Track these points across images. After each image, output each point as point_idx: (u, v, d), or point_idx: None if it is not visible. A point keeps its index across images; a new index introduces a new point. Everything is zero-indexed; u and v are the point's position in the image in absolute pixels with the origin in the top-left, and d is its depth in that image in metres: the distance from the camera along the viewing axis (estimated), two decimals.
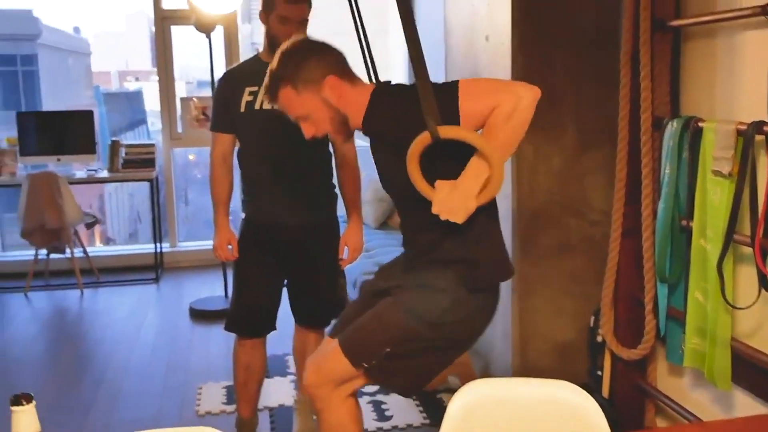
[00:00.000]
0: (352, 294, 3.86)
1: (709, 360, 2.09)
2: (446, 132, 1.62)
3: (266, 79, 1.84)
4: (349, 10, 2.12)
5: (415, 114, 1.65)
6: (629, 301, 2.55)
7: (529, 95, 1.65)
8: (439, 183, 1.67)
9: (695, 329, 2.15)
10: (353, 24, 2.19)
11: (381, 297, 1.90)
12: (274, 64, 1.82)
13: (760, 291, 1.96)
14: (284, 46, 1.84)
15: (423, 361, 1.86)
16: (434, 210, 1.67)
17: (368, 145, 1.95)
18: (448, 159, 1.68)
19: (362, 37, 2.09)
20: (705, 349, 2.11)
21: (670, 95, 2.41)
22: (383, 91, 1.85)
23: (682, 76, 2.41)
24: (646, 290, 2.39)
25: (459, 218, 1.67)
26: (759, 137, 1.93)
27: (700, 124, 2.15)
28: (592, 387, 2.71)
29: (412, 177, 1.67)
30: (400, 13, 1.66)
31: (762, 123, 1.91)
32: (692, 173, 2.17)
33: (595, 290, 2.70)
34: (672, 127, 2.25)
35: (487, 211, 1.77)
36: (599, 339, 2.64)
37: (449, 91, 1.70)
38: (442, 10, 3.62)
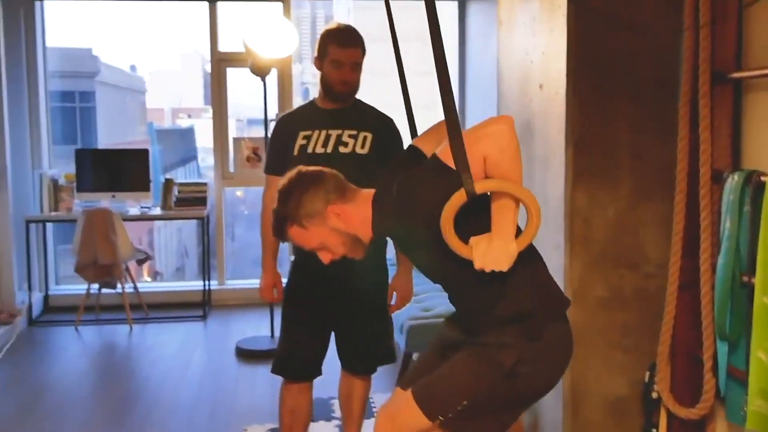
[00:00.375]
0: (400, 340, 3.84)
1: None
2: (482, 186, 1.64)
3: (272, 221, 1.87)
4: (393, 50, 2.17)
5: (417, 201, 1.71)
6: (686, 357, 2.48)
7: (504, 129, 1.66)
8: (474, 239, 1.67)
9: (759, 390, 2.07)
10: (396, 64, 2.23)
11: (454, 349, 1.89)
12: (275, 205, 1.87)
13: None
14: (280, 184, 1.87)
15: (499, 414, 1.85)
16: (477, 265, 1.66)
17: None
18: (467, 215, 1.68)
19: (402, 78, 2.17)
20: None
21: (731, 148, 2.37)
22: (382, 194, 1.85)
23: (743, 128, 2.37)
24: (705, 347, 2.32)
25: (504, 266, 1.66)
26: None
27: (762, 179, 2.10)
28: None
29: (449, 241, 1.66)
30: (436, 67, 1.67)
31: None
32: (754, 228, 2.11)
33: (648, 345, 2.63)
34: (733, 181, 2.20)
35: (524, 255, 1.74)
36: (654, 395, 2.56)
37: (436, 165, 1.72)
38: (494, 57, 3.64)
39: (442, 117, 1.72)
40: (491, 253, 1.65)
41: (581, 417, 2.71)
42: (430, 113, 2.68)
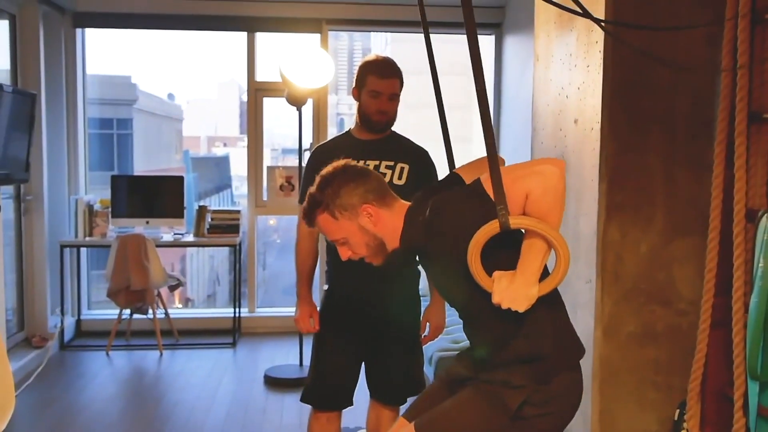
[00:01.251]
0: (429, 371, 3.84)
1: None
2: (517, 222, 1.64)
3: (305, 204, 1.89)
4: (433, 83, 2.20)
5: (449, 220, 1.71)
6: (717, 396, 2.45)
7: (555, 171, 1.64)
8: (497, 274, 1.68)
9: None
10: (435, 97, 2.26)
11: (462, 384, 1.89)
12: (313, 188, 1.88)
13: None
14: (324, 170, 1.89)
15: None
16: (494, 300, 1.67)
17: None
18: (497, 247, 1.68)
19: (441, 112, 2.17)
20: None
21: (766, 187, 2.36)
22: (417, 207, 1.85)
23: None
24: (736, 386, 2.29)
25: (521, 307, 1.66)
26: None
27: None
28: None
29: (473, 268, 1.67)
30: (479, 103, 1.70)
31: None
32: None
33: (679, 382, 2.60)
34: (767, 220, 2.19)
35: (547, 298, 1.74)
36: None
37: (476, 189, 1.72)
38: (530, 91, 3.68)
39: (476, 149, 1.75)
40: (511, 291, 1.65)
41: None
42: (465, 146, 2.72)
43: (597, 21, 2.25)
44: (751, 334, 2.21)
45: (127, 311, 5.21)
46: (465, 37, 1.68)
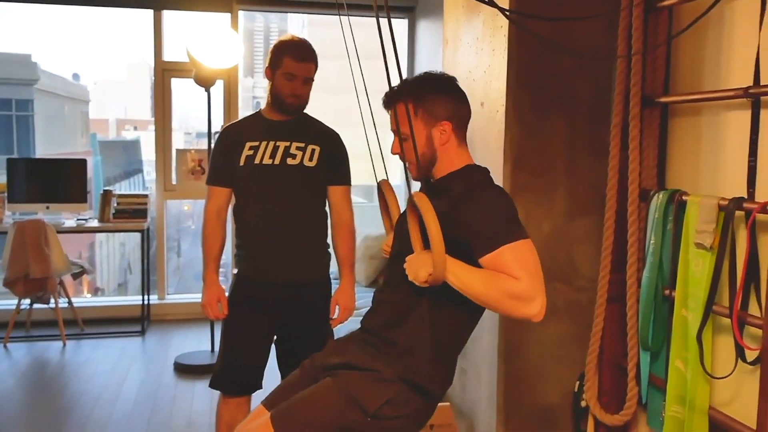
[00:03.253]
0: None
1: (687, 428, 2.11)
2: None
3: (395, 87, 1.80)
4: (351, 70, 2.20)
5: (479, 208, 1.70)
6: (613, 367, 2.57)
7: (534, 311, 1.63)
8: (425, 251, 1.68)
9: (675, 397, 2.17)
10: (355, 82, 2.27)
11: (326, 373, 1.87)
12: (414, 78, 1.86)
13: (736, 361, 1.99)
14: (435, 72, 1.88)
15: None
16: (406, 264, 1.70)
17: (356, 202, 1.98)
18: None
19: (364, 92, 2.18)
20: (684, 417, 2.13)
21: (657, 168, 2.49)
22: (476, 170, 1.87)
23: (668, 150, 2.49)
24: (629, 357, 2.42)
25: (415, 281, 1.67)
26: (739, 213, 1.99)
27: (684, 198, 2.21)
28: None
29: (411, 227, 1.69)
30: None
31: (742, 199, 1.98)
32: (676, 244, 2.22)
33: (580, 355, 2.72)
34: (658, 199, 2.31)
35: (465, 321, 1.78)
36: (583, 404, 2.64)
37: (512, 217, 1.72)
38: None
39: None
40: (415, 263, 1.67)
41: (514, 426, 2.78)
42: (385, 131, 2.71)
43: (502, 10, 2.29)
44: (643, 308, 2.34)
45: (27, 301, 4.98)
46: (382, 20, 1.68)
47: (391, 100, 1.84)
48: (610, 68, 2.67)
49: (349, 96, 2.75)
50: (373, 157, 2.43)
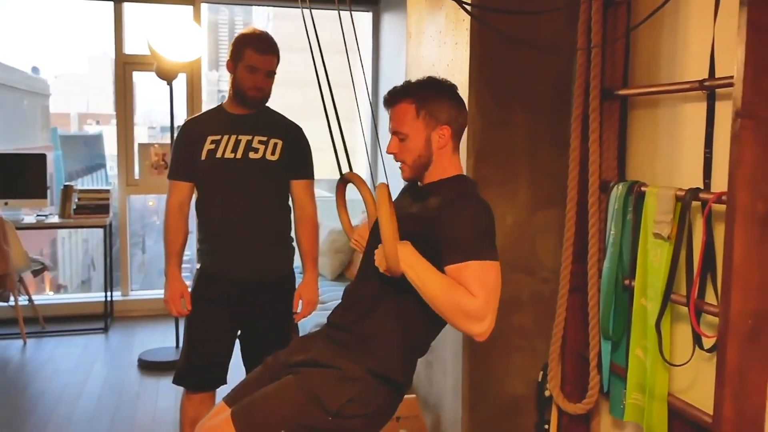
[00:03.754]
0: None
1: (647, 414, 2.15)
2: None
3: (402, 84, 1.86)
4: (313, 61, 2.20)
5: (461, 216, 1.73)
6: (575, 357, 2.61)
7: (479, 330, 1.68)
8: (400, 242, 1.73)
9: (635, 385, 2.22)
10: (318, 77, 2.26)
11: (290, 371, 1.86)
12: (419, 80, 1.89)
13: (694, 349, 2.03)
14: (438, 77, 1.91)
15: None
16: (375, 254, 1.76)
17: (322, 196, 2.00)
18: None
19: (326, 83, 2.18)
20: (644, 404, 2.17)
21: (617, 160, 2.52)
22: (465, 181, 1.90)
23: (628, 142, 2.53)
24: (591, 347, 2.46)
25: (375, 260, 1.76)
26: (695, 203, 2.03)
27: (643, 189, 2.25)
28: None
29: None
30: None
31: (698, 190, 2.01)
32: (635, 235, 2.26)
33: (544, 346, 2.75)
34: (617, 191, 2.34)
35: (432, 314, 1.77)
36: (547, 393, 2.68)
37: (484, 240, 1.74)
38: (404, 69, 3.73)
39: (360, 127, 1.80)
40: (379, 252, 1.73)
41: (479, 416, 2.80)
42: (350, 124, 2.71)
43: (461, 4, 2.30)
44: (604, 298, 2.37)
45: None
46: (347, 14, 1.69)
47: (393, 98, 1.87)
48: (570, 62, 2.70)
49: (314, 89, 2.74)
50: (338, 150, 2.43)
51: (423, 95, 1.85)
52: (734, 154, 1.79)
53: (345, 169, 2.57)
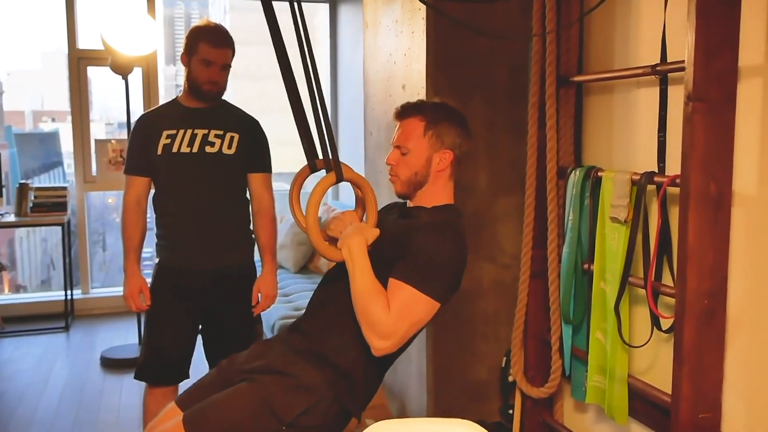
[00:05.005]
0: None
1: (608, 396, 2.19)
2: (347, 174, 1.84)
3: (416, 102, 1.91)
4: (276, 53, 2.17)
5: (434, 245, 1.74)
6: (538, 341, 2.64)
7: (376, 345, 1.69)
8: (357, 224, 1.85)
9: (596, 367, 2.25)
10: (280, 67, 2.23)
11: (246, 377, 1.82)
12: (434, 100, 1.95)
13: (652, 330, 2.07)
14: (452, 102, 1.94)
15: None
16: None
17: (284, 189, 1.99)
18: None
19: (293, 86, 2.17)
20: (605, 386, 2.21)
21: (574, 146, 2.55)
22: (453, 212, 1.92)
23: (584, 128, 2.56)
24: (552, 331, 2.49)
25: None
26: (650, 186, 2.06)
27: (599, 174, 2.28)
28: (504, 425, 2.77)
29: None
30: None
31: (653, 173, 2.05)
32: (593, 219, 2.29)
33: (506, 332, 2.78)
34: (575, 176, 2.37)
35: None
36: (511, 379, 2.71)
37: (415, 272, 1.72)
38: (361, 60, 3.72)
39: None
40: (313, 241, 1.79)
41: (444, 403, 2.82)
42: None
43: None
44: (564, 282, 2.40)
45: None
46: (306, 5, 1.68)
47: (405, 112, 1.90)
48: (526, 49, 2.71)
49: (273, 83, 2.72)
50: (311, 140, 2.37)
51: (434, 116, 1.87)
52: (687, 137, 1.83)
53: (303, 162, 2.54)
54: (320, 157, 1.85)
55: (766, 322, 1.82)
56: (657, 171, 2.07)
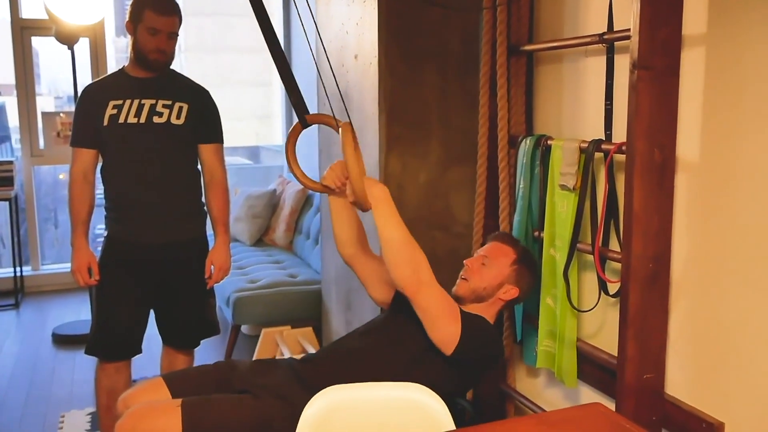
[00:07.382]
0: (227, 313, 3.81)
1: (558, 360, 2.24)
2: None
3: (511, 235, 2.26)
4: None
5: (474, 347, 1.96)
6: None
7: (412, 288, 1.92)
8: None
9: (546, 332, 2.30)
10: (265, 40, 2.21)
11: (251, 390, 1.89)
12: (524, 245, 2.21)
13: (600, 295, 2.12)
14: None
15: None
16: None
17: (240, 163, 2.01)
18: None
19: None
20: (555, 350, 2.26)
21: (525, 115, 2.57)
22: (486, 323, 2.07)
23: (535, 97, 2.58)
24: None
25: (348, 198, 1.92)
26: (598, 154, 2.10)
27: (549, 142, 2.30)
28: None
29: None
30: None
31: (600, 141, 2.08)
32: (543, 187, 2.32)
33: None
34: (525, 145, 2.39)
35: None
36: None
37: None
38: (314, 29, 3.67)
39: (278, 92, 1.80)
40: (353, 186, 1.85)
41: None
42: (266, 89, 2.65)
43: None
44: None
45: None
46: None
47: (504, 238, 2.17)
48: (477, 19, 2.71)
49: (229, 55, 2.67)
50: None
51: (524, 257, 2.11)
52: (632, 105, 1.85)
53: (263, 137, 2.52)
54: (310, 112, 2.00)
55: (707, 285, 1.87)
56: (604, 139, 2.11)
